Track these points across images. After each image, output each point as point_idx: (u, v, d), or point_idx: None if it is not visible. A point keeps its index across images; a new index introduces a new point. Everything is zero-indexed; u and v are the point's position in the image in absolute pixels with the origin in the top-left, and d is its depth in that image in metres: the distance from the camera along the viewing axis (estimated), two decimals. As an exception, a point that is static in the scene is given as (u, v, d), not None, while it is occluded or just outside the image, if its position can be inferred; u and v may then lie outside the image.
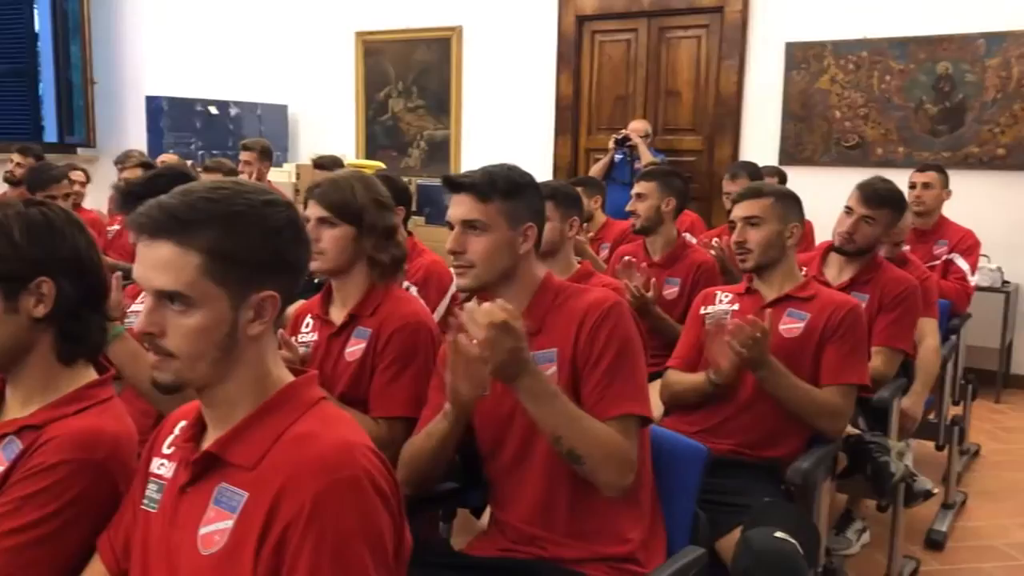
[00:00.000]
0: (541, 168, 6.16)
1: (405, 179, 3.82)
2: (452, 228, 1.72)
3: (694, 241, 3.73)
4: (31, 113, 6.80)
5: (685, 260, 3.28)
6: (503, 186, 1.70)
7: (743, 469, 2.17)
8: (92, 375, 1.45)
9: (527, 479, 1.67)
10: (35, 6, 6.71)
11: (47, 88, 6.87)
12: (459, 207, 1.71)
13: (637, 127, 5.78)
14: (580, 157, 6.47)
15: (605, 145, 5.93)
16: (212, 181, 1.22)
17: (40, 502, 1.28)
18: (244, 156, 5.36)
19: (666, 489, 1.71)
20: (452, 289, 2.97)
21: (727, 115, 5.85)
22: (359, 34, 7.12)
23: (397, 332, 1.95)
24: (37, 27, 6.76)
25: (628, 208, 3.37)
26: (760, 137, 5.73)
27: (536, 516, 1.66)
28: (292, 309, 2.17)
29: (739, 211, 2.41)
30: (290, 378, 1.21)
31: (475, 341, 1.48)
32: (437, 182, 6.46)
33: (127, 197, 2.19)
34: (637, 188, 3.36)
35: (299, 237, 1.20)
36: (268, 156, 5.47)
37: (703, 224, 4.81)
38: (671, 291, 3.21)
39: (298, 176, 6.24)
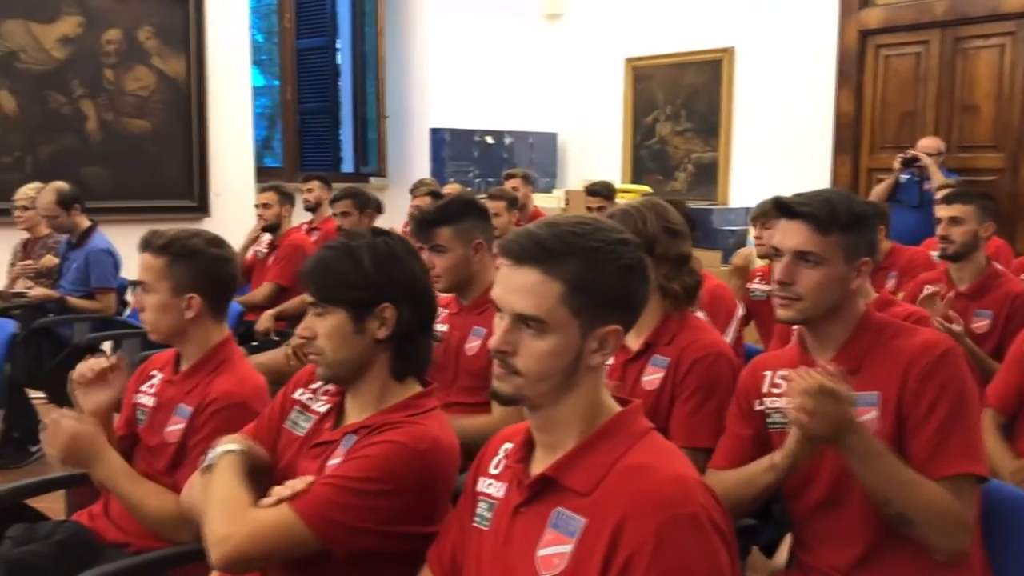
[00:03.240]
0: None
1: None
2: (778, 254, 1.64)
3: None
4: (332, 146, 7.55)
5: (997, 290, 3.00)
6: (845, 217, 1.58)
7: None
8: (418, 387, 1.58)
9: (839, 524, 1.59)
10: (338, 49, 7.44)
11: (345, 123, 7.58)
12: (793, 236, 1.60)
13: (928, 145, 5.33)
14: (861, 178, 6.10)
15: (889, 164, 5.54)
16: (574, 216, 1.29)
17: (367, 464, 1.42)
18: (511, 183, 5.55)
19: (1001, 549, 1.55)
20: (738, 314, 2.91)
21: (1036, 130, 5.28)
22: (629, 60, 7.20)
23: (698, 362, 1.94)
24: (339, 68, 7.49)
25: (940, 232, 3.09)
26: (1077, 153, 5.13)
27: (850, 565, 1.57)
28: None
29: (1076, 239, 2.16)
30: (617, 407, 1.24)
31: (797, 408, 1.41)
32: (705, 205, 6.38)
33: (421, 224, 2.37)
34: (951, 211, 3.07)
35: (646, 276, 1.23)
36: (530, 181, 5.86)
37: (1010, 251, 4.35)
38: (981, 324, 2.95)
39: (567, 202, 6.39)
